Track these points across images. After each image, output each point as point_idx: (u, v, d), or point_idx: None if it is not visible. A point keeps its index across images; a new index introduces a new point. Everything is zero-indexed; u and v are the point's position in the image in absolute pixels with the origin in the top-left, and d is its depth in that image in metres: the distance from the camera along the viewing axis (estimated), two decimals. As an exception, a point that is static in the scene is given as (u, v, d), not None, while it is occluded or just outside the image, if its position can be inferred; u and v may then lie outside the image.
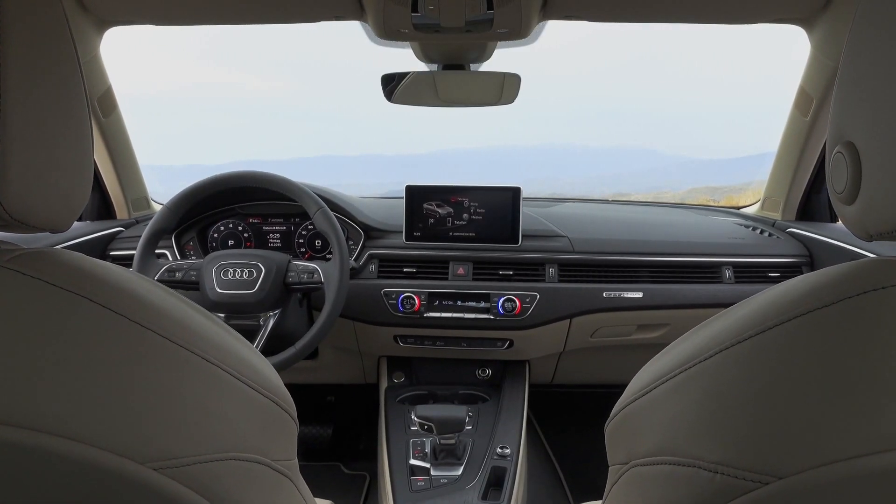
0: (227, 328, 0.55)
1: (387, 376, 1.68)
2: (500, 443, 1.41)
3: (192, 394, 0.45)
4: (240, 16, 1.30)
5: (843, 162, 0.45)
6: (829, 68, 1.36)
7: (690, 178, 10.17)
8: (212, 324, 0.52)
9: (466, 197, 1.58)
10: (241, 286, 1.36)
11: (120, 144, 1.65)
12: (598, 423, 1.92)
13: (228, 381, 0.48)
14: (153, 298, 0.48)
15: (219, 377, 0.48)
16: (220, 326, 0.53)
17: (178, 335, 0.46)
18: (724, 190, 4.64)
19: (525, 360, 1.69)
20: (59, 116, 0.45)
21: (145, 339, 0.44)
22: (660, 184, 9.77)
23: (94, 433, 0.38)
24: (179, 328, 0.46)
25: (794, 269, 1.61)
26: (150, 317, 0.45)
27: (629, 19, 1.28)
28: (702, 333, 0.51)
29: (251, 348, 0.56)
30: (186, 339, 0.46)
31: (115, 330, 0.42)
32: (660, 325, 1.62)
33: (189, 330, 0.47)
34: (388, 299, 1.54)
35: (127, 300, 0.45)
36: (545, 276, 1.56)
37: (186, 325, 0.48)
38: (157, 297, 0.48)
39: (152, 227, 1.41)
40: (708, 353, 0.46)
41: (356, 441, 2.11)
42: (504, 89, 1.50)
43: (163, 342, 0.45)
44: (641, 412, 0.52)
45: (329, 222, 1.39)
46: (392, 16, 1.19)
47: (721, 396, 0.43)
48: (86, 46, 1.37)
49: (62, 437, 0.37)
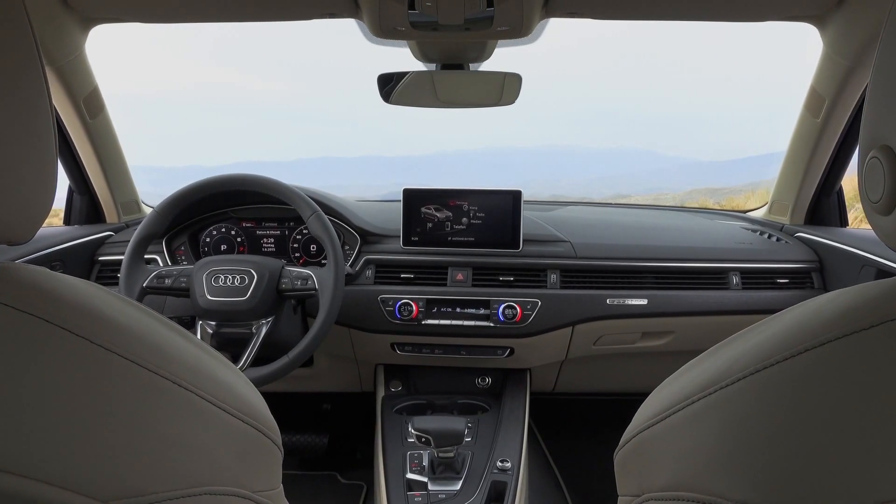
0: (204, 347, 0.51)
1: (383, 385, 1.64)
2: (500, 456, 1.36)
3: (161, 423, 0.41)
4: (230, 13, 1.25)
5: (880, 168, 0.40)
6: (843, 67, 1.31)
7: (691, 179, 10.22)
8: (187, 343, 0.48)
9: (466, 201, 1.54)
10: (232, 293, 1.32)
11: (108, 146, 1.60)
12: (601, 430, 1.87)
13: (203, 407, 0.45)
14: (120, 317, 0.44)
15: (192, 403, 0.44)
16: (197, 346, 0.50)
17: (146, 358, 0.42)
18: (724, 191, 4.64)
19: (526, 368, 1.64)
20: (18, 120, 0.41)
21: (110, 364, 0.40)
22: (660, 185, 9.79)
23: (48, 469, 0.35)
24: (149, 350, 0.43)
25: (803, 275, 1.57)
26: (115, 339, 0.41)
27: (636, 17, 1.24)
28: (721, 355, 0.47)
29: (232, 369, 0.53)
30: (156, 363, 0.42)
31: (76, 354, 0.38)
32: (665, 333, 1.57)
33: (160, 352, 0.44)
34: (384, 306, 1.50)
35: (89, 321, 0.41)
36: (547, 283, 1.52)
37: (157, 347, 0.44)
38: (124, 316, 0.44)
39: (140, 232, 1.37)
40: (729, 379, 0.42)
41: (353, 450, 2.08)
42: (504, 90, 1.46)
43: (129, 366, 0.41)
44: (655, 441, 0.48)
45: (324, 227, 1.35)
46: (388, 13, 1.15)
47: (744, 428, 0.39)
48: (69, 45, 1.32)
49: (10, 473, 0.33)
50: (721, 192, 7.65)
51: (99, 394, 0.38)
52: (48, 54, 1.31)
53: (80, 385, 0.37)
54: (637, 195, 4.93)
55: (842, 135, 1.48)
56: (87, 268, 1.58)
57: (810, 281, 1.56)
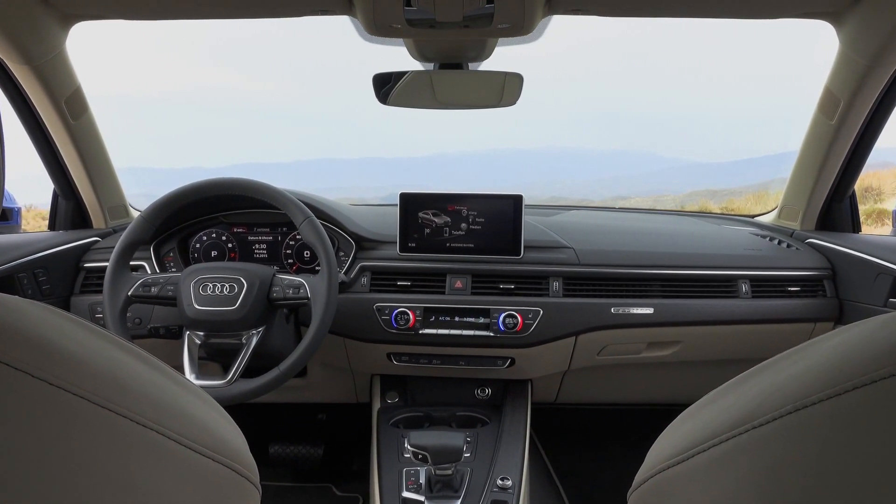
0: (173, 376, 0.46)
1: (380, 396, 1.59)
2: (500, 473, 1.31)
3: (117, 468, 0.36)
4: (218, 9, 1.20)
5: None
6: (861, 66, 1.26)
7: (690, 180, 10.23)
8: (152, 373, 0.43)
9: (465, 205, 1.48)
10: (220, 302, 1.27)
11: (92, 149, 1.55)
12: (604, 442, 1.80)
13: (168, 447, 0.40)
14: (72, 347, 0.38)
15: (155, 443, 0.39)
16: (165, 375, 0.44)
17: (101, 393, 0.36)
18: (724, 193, 4.59)
19: (527, 379, 1.59)
20: None
21: (55, 402, 0.34)
22: (660, 186, 9.79)
23: None
24: (105, 384, 0.37)
25: (815, 283, 1.52)
26: (64, 372, 0.35)
27: (645, 13, 1.18)
28: (750, 387, 0.42)
29: (205, 399, 0.48)
30: (113, 398, 0.37)
31: (14, 391, 0.33)
32: (672, 343, 1.53)
33: (118, 385, 0.38)
34: (380, 315, 1.46)
35: (32, 352, 0.35)
36: (549, 291, 1.47)
37: (114, 379, 0.38)
38: (78, 345, 0.39)
39: (125, 238, 1.33)
40: (762, 418, 0.37)
41: (349, 461, 2.02)
42: (505, 90, 1.41)
43: (80, 404, 0.35)
44: (675, 485, 0.43)
45: (316, 233, 1.30)
46: (383, 10, 1.10)
47: (780, 476, 0.34)
48: (48, 43, 1.27)
49: None
50: (721, 194, 7.61)
51: (42, 436, 0.33)
52: (26, 53, 1.25)
53: (16, 426, 0.32)
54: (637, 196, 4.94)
55: (857, 137, 1.43)
56: (72, 275, 1.52)
57: (822, 289, 1.51)
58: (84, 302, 1.49)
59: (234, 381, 1.25)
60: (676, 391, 1.70)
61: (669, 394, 1.72)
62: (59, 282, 1.48)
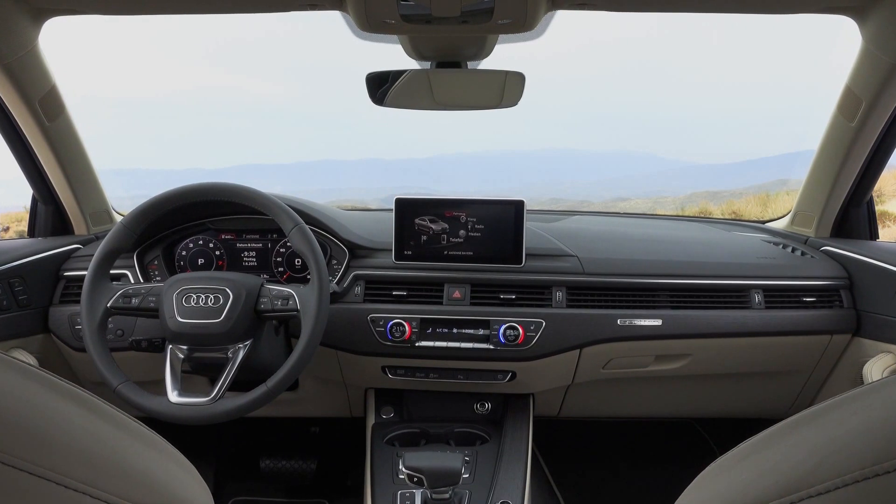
0: (117, 421, 0.39)
1: (374, 411, 1.52)
2: (500, 497, 1.24)
3: None
4: (202, 5, 1.13)
5: None
6: (886, 65, 1.19)
7: (690, 182, 10.19)
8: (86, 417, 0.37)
9: (463, 211, 1.41)
10: (205, 314, 1.20)
11: (71, 152, 1.47)
12: (609, 455, 1.70)
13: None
14: None
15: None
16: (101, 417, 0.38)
17: (20, 453, 0.31)
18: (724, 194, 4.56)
19: (529, 393, 1.52)
20: None
21: None
22: (660, 187, 9.71)
23: None
24: (26, 440, 0.31)
25: (831, 293, 1.45)
26: None
27: (658, 8, 1.11)
28: (800, 441, 0.36)
29: (157, 447, 0.41)
30: (34, 458, 0.31)
31: None
32: (681, 356, 1.46)
33: (41, 440, 0.32)
34: (375, 326, 1.39)
35: None
36: (552, 301, 1.41)
37: (37, 434, 0.32)
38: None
39: (104, 246, 1.26)
40: (822, 486, 0.31)
41: (343, 475, 1.95)
42: (506, 90, 1.34)
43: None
44: None
45: (307, 241, 1.23)
46: (375, 4, 1.03)
47: None
48: (19, 40, 1.19)
49: None
50: (721, 196, 7.58)
51: None
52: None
53: None
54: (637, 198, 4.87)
55: (878, 139, 1.35)
56: (52, 284, 1.45)
57: (839, 299, 1.44)
58: (63, 313, 1.42)
59: (219, 398, 1.18)
60: (687, 405, 1.63)
61: (680, 407, 1.65)
62: (38, 291, 1.40)
